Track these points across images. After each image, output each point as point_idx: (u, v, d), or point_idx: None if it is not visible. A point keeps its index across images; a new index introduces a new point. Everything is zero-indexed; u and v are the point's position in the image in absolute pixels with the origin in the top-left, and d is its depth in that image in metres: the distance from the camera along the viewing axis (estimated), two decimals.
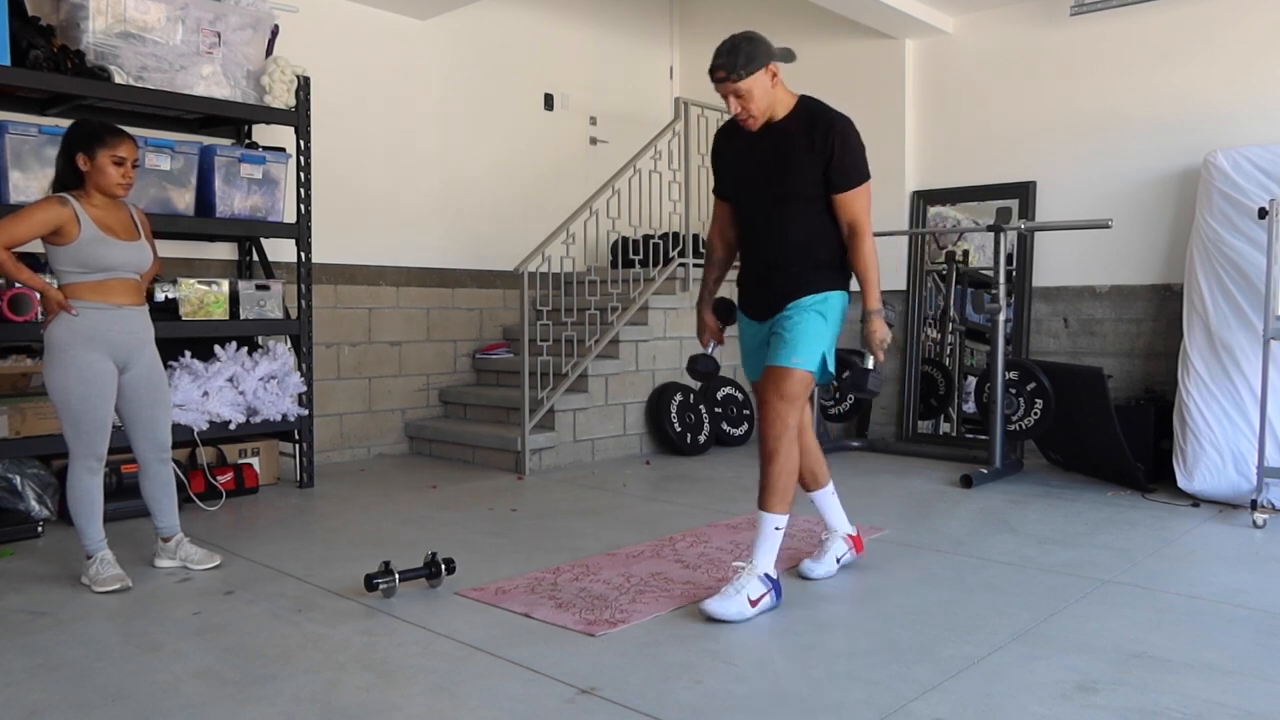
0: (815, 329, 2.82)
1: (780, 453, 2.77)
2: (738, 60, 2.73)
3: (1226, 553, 3.50)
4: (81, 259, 3.01)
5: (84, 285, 3.03)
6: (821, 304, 2.86)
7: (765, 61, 2.77)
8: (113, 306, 3.07)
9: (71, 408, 3.01)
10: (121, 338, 3.10)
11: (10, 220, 2.94)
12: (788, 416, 2.77)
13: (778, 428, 2.77)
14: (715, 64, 2.77)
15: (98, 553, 3.10)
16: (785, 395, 2.77)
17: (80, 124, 3.10)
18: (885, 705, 2.15)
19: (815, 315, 2.84)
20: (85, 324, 3.01)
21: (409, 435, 5.85)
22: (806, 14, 6.38)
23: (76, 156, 3.03)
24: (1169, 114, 5.14)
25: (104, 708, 2.16)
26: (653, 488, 4.75)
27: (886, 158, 6.20)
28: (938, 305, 6.02)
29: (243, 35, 4.41)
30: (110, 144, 3.04)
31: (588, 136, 6.88)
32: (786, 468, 2.77)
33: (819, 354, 2.83)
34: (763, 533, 2.80)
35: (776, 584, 2.80)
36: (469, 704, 2.17)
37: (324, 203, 5.00)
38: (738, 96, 2.79)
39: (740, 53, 2.74)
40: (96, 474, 3.09)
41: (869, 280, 2.89)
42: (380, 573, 2.93)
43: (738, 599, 2.70)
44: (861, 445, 5.86)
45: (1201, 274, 4.49)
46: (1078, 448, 4.97)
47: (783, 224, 2.88)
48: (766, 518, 2.79)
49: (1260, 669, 2.36)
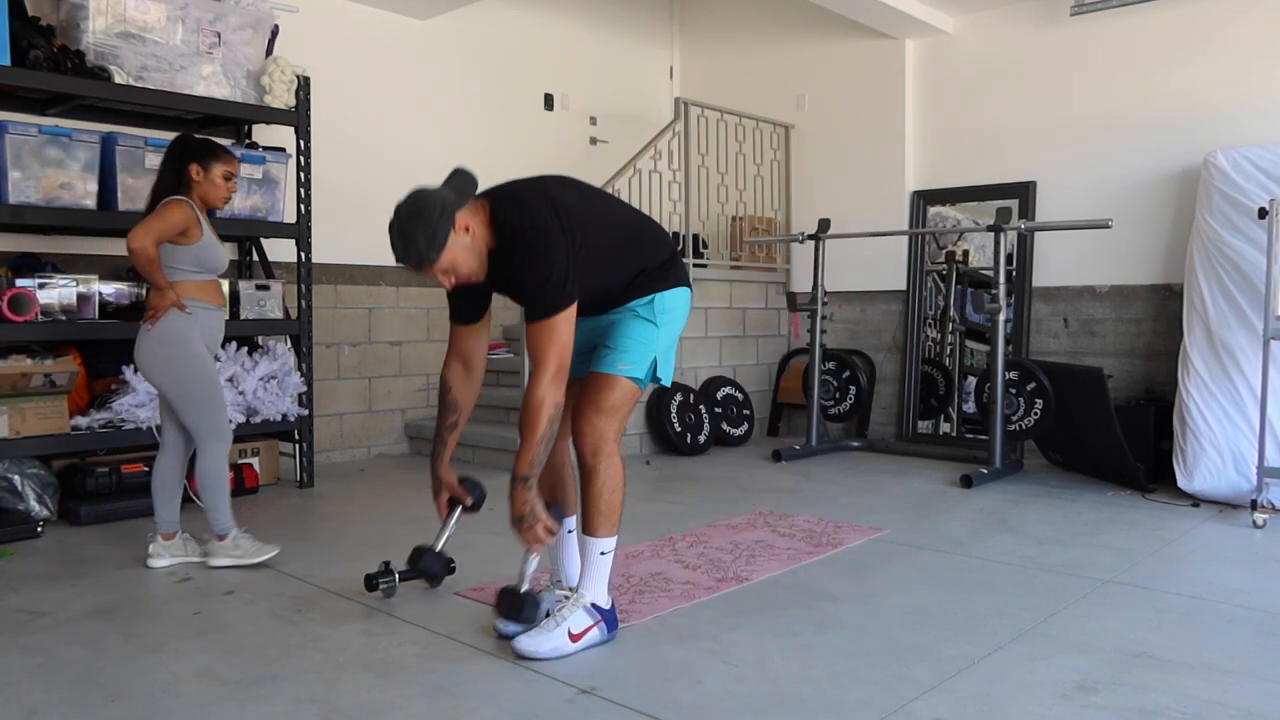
0: (641, 334, 2.52)
1: (600, 470, 2.48)
2: (420, 247, 2.27)
3: (1226, 553, 3.50)
4: (201, 259, 3.28)
5: (192, 284, 3.28)
6: (648, 307, 2.54)
7: (448, 227, 2.29)
8: (213, 306, 3.37)
9: (204, 393, 3.27)
10: (216, 334, 3.40)
11: (153, 219, 3.17)
12: (606, 430, 2.47)
13: (594, 442, 2.47)
14: (398, 256, 2.31)
15: (231, 531, 3.35)
16: (604, 407, 2.47)
17: (191, 138, 3.35)
18: (885, 705, 2.15)
19: (641, 321, 2.53)
20: (197, 320, 3.28)
21: (409, 435, 5.85)
22: (806, 14, 6.38)
23: (190, 166, 3.26)
24: (1169, 114, 5.14)
25: (104, 708, 2.16)
26: (653, 488, 4.75)
27: (886, 158, 6.21)
28: (938, 305, 6.02)
29: (243, 35, 4.41)
30: (225, 159, 3.31)
31: (588, 136, 6.88)
32: (609, 485, 2.49)
33: (648, 360, 2.53)
34: (589, 559, 2.53)
35: (609, 614, 2.55)
36: (469, 704, 2.17)
37: (324, 203, 5.00)
38: (444, 274, 2.35)
39: (419, 238, 2.27)
40: (228, 452, 3.38)
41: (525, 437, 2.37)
42: (380, 573, 2.93)
43: (555, 634, 2.43)
44: (861, 445, 5.86)
45: (1201, 274, 4.49)
46: (1078, 448, 4.97)
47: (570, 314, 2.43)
48: (591, 543, 2.52)
49: (1260, 669, 2.36)
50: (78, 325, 4.01)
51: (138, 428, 4.10)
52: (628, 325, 2.52)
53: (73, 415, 4.03)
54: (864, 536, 3.68)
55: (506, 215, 2.40)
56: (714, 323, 6.24)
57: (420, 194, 2.31)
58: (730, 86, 6.95)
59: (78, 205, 3.97)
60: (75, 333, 4.02)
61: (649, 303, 2.54)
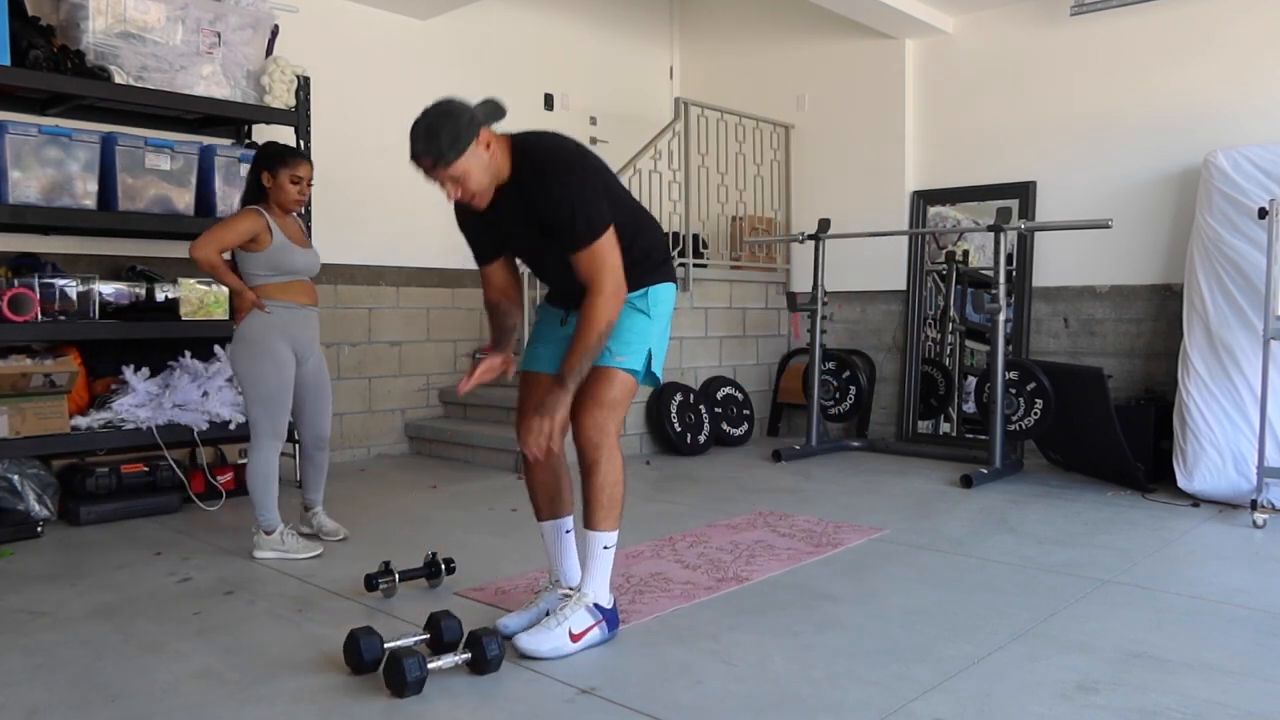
0: (638, 325, 2.52)
1: (601, 463, 2.47)
2: (441, 144, 2.30)
3: (1226, 553, 3.50)
4: (274, 263, 3.44)
5: (272, 286, 3.45)
6: (641, 299, 2.54)
7: (473, 135, 2.33)
8: (296, 305, 3.49)
9: (268, 391, 3.41)
10: (302, 333, 3.52)
11: (218, 229, 3.38)
12: (606, 424, 2.46)
13: (595, 436, 2.46)
14: (416, 151, 2.34)
15: (278, 527, 3.46)
16: (604, 401, 2.46)
17: (269, 145, 3.53)
18: (885, 705, 2.15)
19: (636, 312, 2.52)
20: (275, 320, 3.43)
21: (409, 435, 5.85)
22: (806, 14, 6.38)
23: (262, 174, 3.45)
24: (1169, 114, 5.14)
25: (104, 708, 2.16)
26: (653, 488, 4.75)
27: (886, 158, 6.21)
28: (938, 305, 6.02)
29: (243, 35, 4.41)
30: (291, 164, 3.45)
31: (588, 136, 6.87)
32: (610, 479, 2.48)
33: (644, 352, 2.53)
34: (591, 554, 2.51)
35: (610, 613, 2.54)
36: (469, 704, 2.17)
37: (324, 202, 5.00)
38: (453, 181, 2.35)
39: (443, 135, 2.30)
40: (279, 451, 3.49)
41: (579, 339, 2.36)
42: (380, 573, 2.94)
43: (556, 633, 2.43)
44: (861, 445, 5.86)
45: (1201, 274, 4.49)
46: (1078, 448, 4.97)
47: (564, 271, 2.45)
48: (593, 537, 2.50)
49: (1260, 669, 2.36)
50: (78, 325, 4.01)
51: (138, 428, 4.09)
52: (622, 317, 2.47)
53: (73, 415, 4.03)
54: (864, 536, 3.68)
55: (532, 151, 2.42)
56: (714, 323, 6.24)
57: (452, 100, 2.38)
58: (730, 86, 6.96)
59: (78, 205, 3.97)
60: (75, 333, 4.02)
61: (643, 295, 2.54)
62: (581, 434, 2.48)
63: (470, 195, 2.39)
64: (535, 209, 2.39)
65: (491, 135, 2.39)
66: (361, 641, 2.31)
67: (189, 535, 3.76)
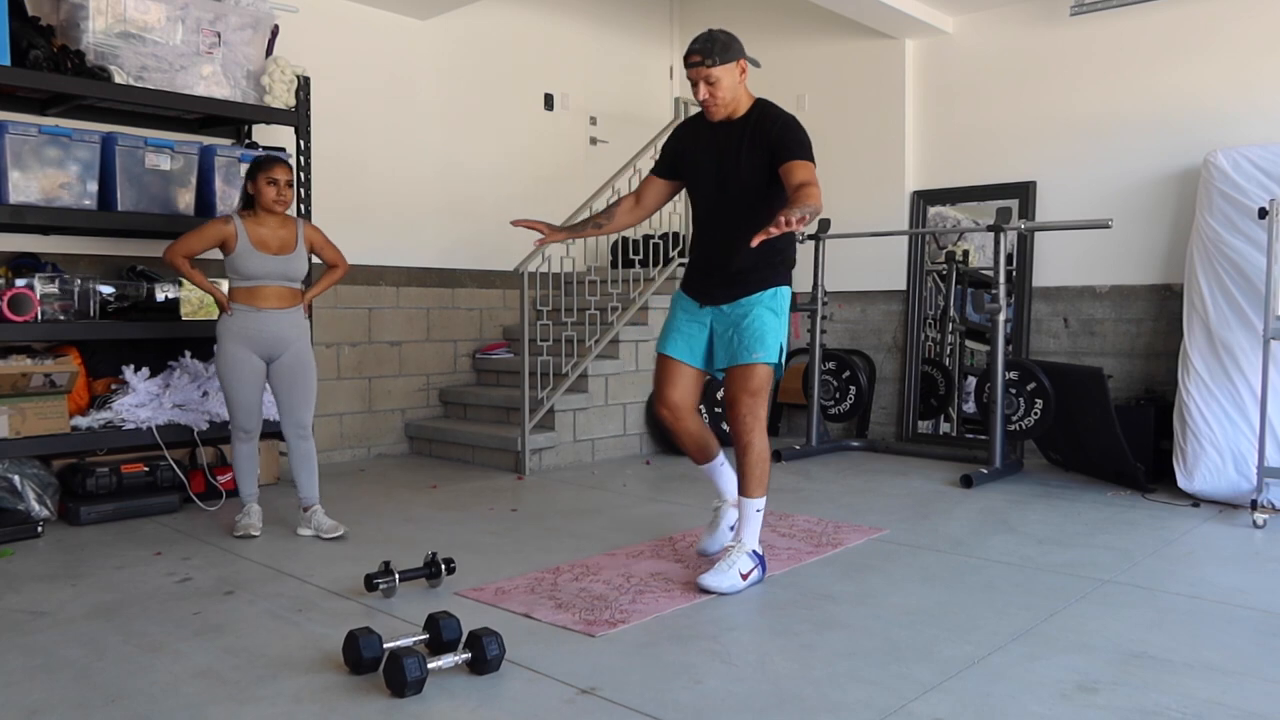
0: (772, 325, 3.03)
1: (754, 444, 3.00)
2: (714, 47, 2.92)
3: (1226, 553, 3.50)
4: (236, 268, 3.63)
5: (240, 290, 3.65)
6: (773, 300, 3.07)
7: (738, 56, 2.95)
8: (256, 309, 3.64)
9: (227, 389, 3.67)
10: (263, 335, 3.64)
11: (188, 235, 3.64)
12: (757, 409, 2.99)
13: (749, 421, 2.99)
14: (692, 49, 2.95)
15: (247, 503, 3.76)
16: (753, 390, 2.99)
17: (256, 156, 3.76)
18: (885, 705, 2.15)
19: (769, 312, 3.05)
20: (236, 322, 3.63)
21: (409, 435, 5.85)
22: (806, 14, 6.38)
23: (247, 182, 3.67)
24: (1169, 114, 5.14)
25: (104, 708, 2.16)
26: (653, 488, 4.75)
27: (886, 158, 6.21)
28: (938, 305, 6.02)
29: (243, 35, 4.41)
30: (266, 168, 3.63)
31: (588, 136, 6.88)
32: (762, 456, 3.01)
33: (778, 347, 3.04)
34: (747, 515, 3.06)
35: (762, 560, 3.07)
36: (469, 704, 2.17)
37: (324, 203, 5.00)
38: (708, 83, 2.94)
39: (717, 42, 2.93)
40: (245, 442, 3.72)
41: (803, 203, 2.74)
42: (380, 573, 2.93)
43: (730, 573, 2.95)
44: (861, 445, 5.86)
45: (1201, 274, 4.49)
46: (1078, 448, 4.97)
47: (733, 215, 3.04)
48: (747, 502, 3.05)
49: (1260, 669, 2.36)
50: (78, 325, 4.01)
51: (138, 428, 4.10)
52: (760, 319, 3.01)
53: (73, 415, 4.04)
54: (864, 536, 3.68)
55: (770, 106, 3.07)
56: None
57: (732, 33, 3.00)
58: None
59: (78, 205, 3.98)
60: (75, 333, 4.02)
61: (774, 295, 3.06)
62: (738, 420, 2.99)
63: (714, 101, 2.96)
64: (765, 135, 2.95)
65: (745, 71, 2.99)
66: (361, 641, 2.31)
67: (189, 535, 3.76)
